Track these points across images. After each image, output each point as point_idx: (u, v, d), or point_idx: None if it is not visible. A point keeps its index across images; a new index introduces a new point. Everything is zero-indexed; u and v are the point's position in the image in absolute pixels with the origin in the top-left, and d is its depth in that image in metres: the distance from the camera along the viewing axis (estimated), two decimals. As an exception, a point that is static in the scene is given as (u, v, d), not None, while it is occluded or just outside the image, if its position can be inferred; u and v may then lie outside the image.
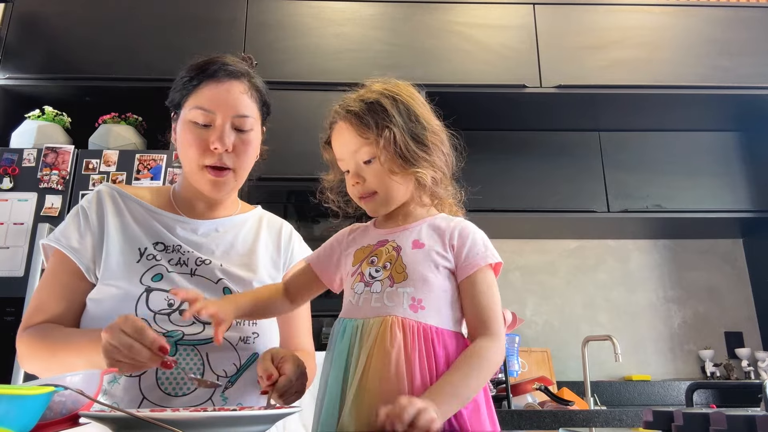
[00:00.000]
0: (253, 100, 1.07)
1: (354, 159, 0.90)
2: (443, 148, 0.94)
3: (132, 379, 0.94)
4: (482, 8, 2.59)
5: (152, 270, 1.01)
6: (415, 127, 0.90)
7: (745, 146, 2.78)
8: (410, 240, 0.88)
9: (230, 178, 1.05)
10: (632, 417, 1.84)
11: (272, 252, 1.16)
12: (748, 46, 2.56)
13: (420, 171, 0.88)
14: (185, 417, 0.60)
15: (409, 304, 0.82)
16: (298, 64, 2.45)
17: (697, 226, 2.75)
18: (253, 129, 1.06)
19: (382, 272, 0.86)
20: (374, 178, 0.89)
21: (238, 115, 1.03)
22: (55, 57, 2.41)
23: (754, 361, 2.68)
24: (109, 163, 2.13)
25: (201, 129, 1.02)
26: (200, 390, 0.96)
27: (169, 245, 1.06)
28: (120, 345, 0.78)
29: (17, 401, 0.52)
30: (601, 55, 2.53)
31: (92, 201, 1.08)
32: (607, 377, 2.68)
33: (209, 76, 1.03)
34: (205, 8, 2.49)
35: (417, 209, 0.94)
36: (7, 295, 1.93)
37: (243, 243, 1.13)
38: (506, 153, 2.74)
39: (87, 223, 1.04)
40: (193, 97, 1.04)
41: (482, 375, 0.80)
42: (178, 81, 1.07)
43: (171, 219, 1.10)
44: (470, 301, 0.85)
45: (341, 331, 0.86)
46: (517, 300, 2.79)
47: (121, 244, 1.03)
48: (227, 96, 1.03)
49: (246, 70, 1.08)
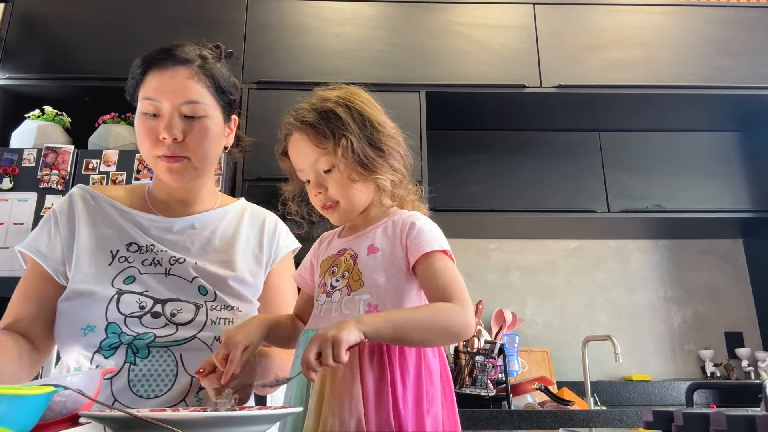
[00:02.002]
0: (201, 84, 1.02)
1: (313, 169, 0.90)
2: (400, 149, 0.94)
3: (104, 381, 0.93)
4: (482, 8, 2.59)
5: (124, 272, 1.00)
6: (371, 132, 0.90)
7: (745, 146, 2.78)
8: (365, 246, 0.89)
9: (188, 166, 1.02)
10: (632, 417, 1.84)
11: (254, 247, 1.13)
12: (748, 46, 2.56)
13: (380, 177, 0.89)
14: (185, 417, 0.60)
15: (366, 310, 0.83)
16: (298, 64, 2.45)
17: (697, 226, 2.75)
18: (206, 115, 1.02)
19: (341, 281, 0.87)
20: (336, 187, 0.89)
21: (185, 101, 1.00)
22: (55, 57, 2.41)
23: (754, 361, 2.68)
24: (109, 163, 2.13)
25: (151, 120, 1.00)
26: (173, 391, 0.95)
27: (143, 245, 1.04)
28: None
29: (17, 401, 0.52)
30: (601, 55, 2.53)
31: (64, 205, 1.07)
32: (607, 377, 2.68)
33: (153, 64, 1.01)
34: (205, 8, 2.49)
35: (375, 211, 0.94)
36: (7, 295, 1.91)
37: (221, 238, 1.10)
38: (506, 153, 2.74)
39: (56, 227, 1.04)
40: (142, 88, 1.02)
41: (433, 323, 0.79)
42: (130, 73, 1.05)
43: (144, 218, 1.08)
44: (429, 284, 0.84)
45: (305, 341, 0.87)
46: (517, 300, 2.79)
47: (92, 246, 1.02)
48: (172, 83, 1.00)
49: (198, 56, 1.04)
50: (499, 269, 2.84)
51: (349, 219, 0.94)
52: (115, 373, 0.94)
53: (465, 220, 2.62)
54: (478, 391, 1.99)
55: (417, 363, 0.83)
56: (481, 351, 2.09)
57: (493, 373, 2.04)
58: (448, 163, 2.65)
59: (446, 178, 2.61)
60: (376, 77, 2.42)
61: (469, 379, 2.04)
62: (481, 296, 2.66)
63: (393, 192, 0.92)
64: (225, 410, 0.77)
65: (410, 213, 0.92)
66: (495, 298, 2.75)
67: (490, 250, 2.86)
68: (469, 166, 2.68)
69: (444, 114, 2.57)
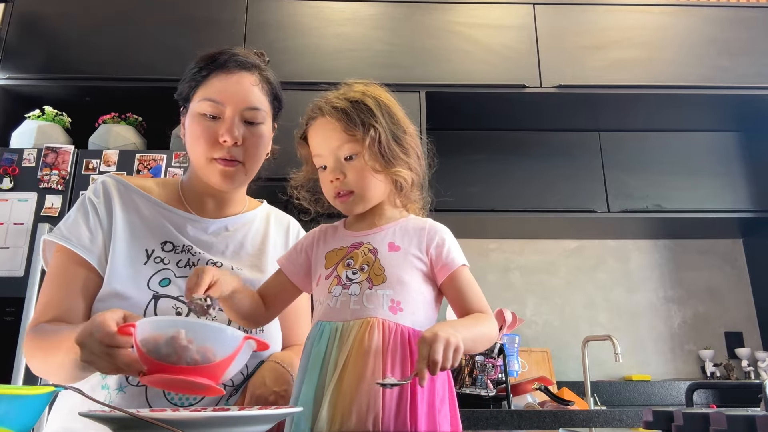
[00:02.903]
0: (263, 92, 1.04)
1: (335, 155, 0.90)
2: (418, 151, 0.96)
3: (138, 388, 0.92)
4: (482, 8, 2.59)
5: (159, 274, 0.98)
6: (396, 129, 0.92)
7: (745, 146, 2.78)
8: (385, 242, 0.89)
9: (240, 171, 1.02)
10: (632, 417, 1.83)
11: (280, 251, 1.13)
12: (748, 46, 2.56)
13: (401, 171, 0.90)
14: (185, 417, 0.60)
15: (389, 306, 0.83)
16: (298, 64, 2.45)
17: (697, 226, 2.75)
18: (264, 123, 1.04)
19: (360, 274, 0.86)
20: (355, 176, 0.89)
21: (248, 107, 1.01)
22: (55, 57, 2.41)
23: (754, 361, 2.68)
24: (109, 163, 2.13)
25: (210, 121, 1.00)
26: (206, 399, 0.93)
27: (179, 245, 1.02)
28: (99, 354, 0.72)
29: (17, 401, 0.52)
30: (601, 55, 2.53)
31: (99, 194, 1.03)
32: (607, 377, 2.68)
33: (219, 67, 1.01)
34: (205, 8, 2.49)
35: (390, 210, 0.95)
36: (7, 295, 1.93)
37: (252, 242, 1.10)
38: (506, 153, 2.74)
39: (97, 218, 1.00)
40: (202, 89, 1.01)
41: (488, 335, 0.84)
42: (187, 72, 1.04)
43: (181, 217, 1.06)
44: (458, 295, 0.88)
45: (318, 333, 0.85)
46: (517, 300, 2.79)
47: (128, 243, 1.00)
48: (237, 87, 1.00)
49: (257, 63, 1.05)
50: (499, 269, 2.84)
51: (360, 210, 0.92)
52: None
53: (465, 220, 2.62)
54: (478, 391, 1.98)
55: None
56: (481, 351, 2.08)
57: (493, 373, 2.04)
58: (448, 163, 2.65)
59: (446, 178, 2.61)
60: (376, 77, 2.37)
61: (469, 379, 2.04)
62: (481, 296, 2.66)
63: (407, 192, 0.93)
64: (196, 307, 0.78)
65: (433, 222, 0.93)
66: (495, 298, 2.75)
67: (490, 250, 2.86)
68: (469, 166, 2.68)
69: (444, 114, 2.57)
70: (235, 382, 0.97)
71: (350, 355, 0.80)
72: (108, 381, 0.94)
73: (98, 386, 0.94)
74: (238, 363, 0.65)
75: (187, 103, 1.05)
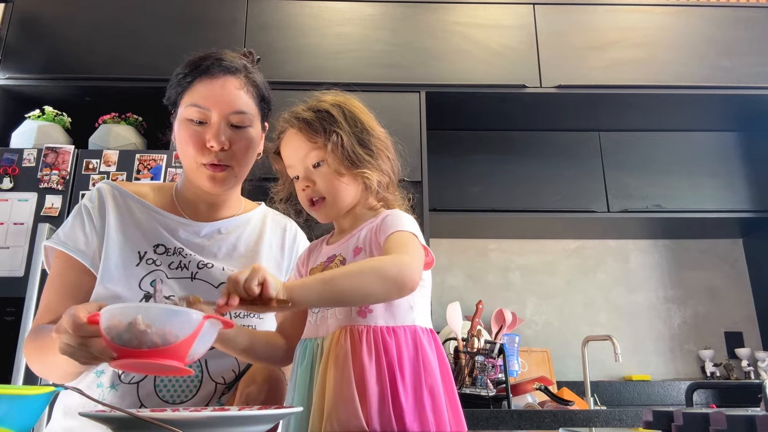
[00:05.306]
0: (249, 95, 1.04)
1: (303, 163, 0.93)
2: (388, 153, 0.97)
3: (130, 386, 0.94)
4: (482, 8, 2.59)
5: (151, 275, 1.00)
6: (361, 132, 0.94)
7: (745, 146, 2.78)
8: (351, 248, 0.91)
9: (230, 174, 1.03)
10: (632, 417, 1.84)
11: (276, 253, 1.14)
12: (748, 46, 2.56)
13: (366, 172, 0.91)
14: (185, 417, 0.60)
15: (357, 311, 0.85)
16: (298, 64, 2.45)
17: (697, 226, 2.75)
18: (251, 125, 1.04)
19: None
20: (323, 181, 0.92)
21: (234, 111, 1.01)
22: (56, 57, 2.41)
23: (754, 361, 2.68)
24: (109, 163, 2.13)
25: (197, 126, 1.00)
26: (198, 397, 0.95)
27: (171, 248, 1.04)
28: (74, 344, 0.72)
29: (17, 401, 0.52)
30: (601, 55, 2.53)
31: (94, 200, 1.06)
32: (607, 377, 2.68)
33: (203, 72, 1.01)
34: (205, 8, 2.49)
35: (363, 212, 0.96)
36: (7, 295, 1.93)
37: (246, 244, 1.11)
38: (506, 153, 2.74)
39: (92, 223, 1.03)
40: (188, 94, 1.02)
41: (363, 267, 0.78)
42: (173, 78, 1.05)
43: (173, 221, 1.08)
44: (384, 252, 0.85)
45: (303, 351, 0.89)
46: (517, 300, 2.79)
47: (121, 245, 1.02)
48: (222, 92, 1.01)
49: (243, 65, 1.05)
50: (499, 269, 2.84)
51: (334, 217, 0.95)
52: (142, 377, 0.95)
53: (465, 220, 2.62)
54: (478, 391, 1.99)
55: (413, 354, 0.83)
56: (481, 351, 2.09)
57: (493, 373, 2.04)
58: (448, 163, 2.65)
59: (446, 178, 2.61)
60: (376, 77, 2.42)
61: (469, 379, 2.04)
62: (481, 296, 2.66)
63: (379, 193, 0.94)
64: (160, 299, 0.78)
65: (389, 210, 0.93)
66: (495, 298, 2.75)
67: (490, 250, 2.86)
68: (469, 166, 2.68)
69: (444, 114, 2.57)
70: (227, 380, 0.99)
71: (328, 364, 0.82)
72: (102, 379, 0.96)
73: (93, 385, 0.96)
74: (202, 342, 0.67)
75: (175, 108, 1.06)
